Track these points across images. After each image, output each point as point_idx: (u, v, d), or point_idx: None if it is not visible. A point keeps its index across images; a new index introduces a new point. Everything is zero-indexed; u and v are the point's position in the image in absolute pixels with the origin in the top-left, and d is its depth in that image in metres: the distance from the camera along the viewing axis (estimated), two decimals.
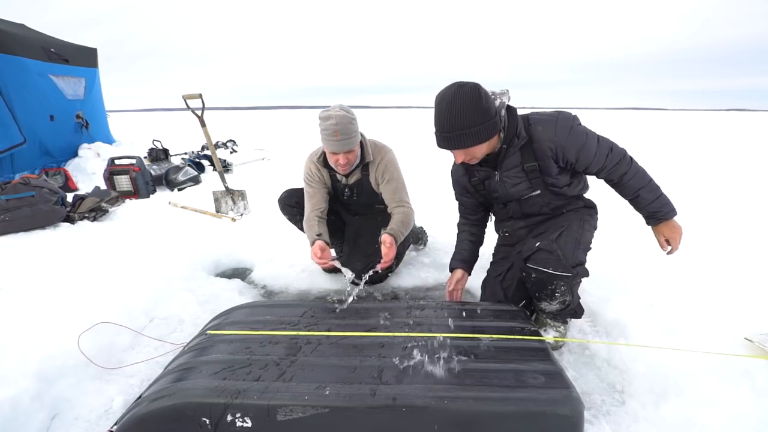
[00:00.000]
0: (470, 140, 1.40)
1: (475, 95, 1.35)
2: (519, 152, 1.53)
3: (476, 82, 1.38)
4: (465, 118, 1.35)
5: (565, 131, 1.46)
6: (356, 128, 1.86)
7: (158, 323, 1.86)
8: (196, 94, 3.33)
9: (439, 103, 1.39)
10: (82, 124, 5.55)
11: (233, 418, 1.05)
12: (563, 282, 1.50)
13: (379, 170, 2.03)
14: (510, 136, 1.50)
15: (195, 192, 4.47)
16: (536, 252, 1.51)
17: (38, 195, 2.96)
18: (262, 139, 11.04)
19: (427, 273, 2.42)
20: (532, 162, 1.53)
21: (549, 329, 1.68)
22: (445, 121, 1.38)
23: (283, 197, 2.31)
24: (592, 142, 1.48)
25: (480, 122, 1.37)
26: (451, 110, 1.35)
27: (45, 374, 1.38)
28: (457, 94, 1.35)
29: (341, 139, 1.80)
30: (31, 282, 2.02)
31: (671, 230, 1.58)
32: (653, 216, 1.57)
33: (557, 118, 1.48)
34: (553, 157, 1.50)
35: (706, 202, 3.71)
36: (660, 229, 1.60)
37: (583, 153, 1.48)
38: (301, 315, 1.56)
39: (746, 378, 1.35)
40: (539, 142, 1.49)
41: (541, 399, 1.07)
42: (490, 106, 1.39)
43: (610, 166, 1.51)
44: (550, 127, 1.47)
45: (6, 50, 4.42)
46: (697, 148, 8.85)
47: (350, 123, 1.80)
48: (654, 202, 1.54)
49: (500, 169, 1.59)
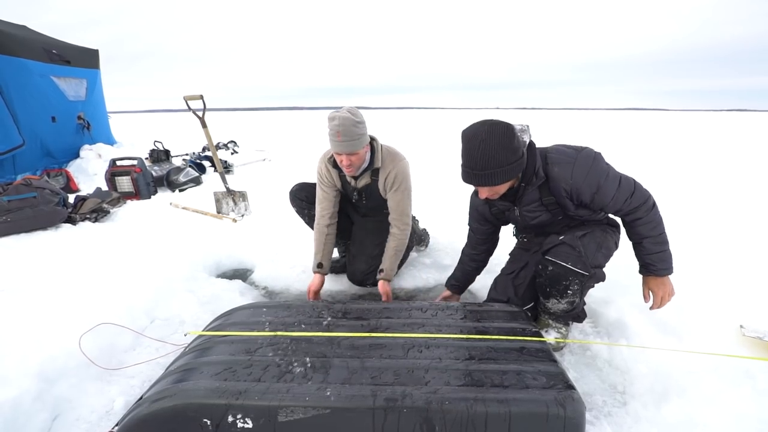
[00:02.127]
0: (499, 179, 1.40)
1: (510, 135, 1.36)
2: (537, 189, 1.53)
3: (507, 122, 1.39)
4: (497, 157, 1.35)
5: (582, 173, 1.43)
6: (361, 131, 1.86)
7: (159, 324, 1.86)
8: (198, 95, 3.34)
9: (471, 139, 1.38)
10: (84, 125, 5.57)
11: (234, 419, 1.05)
12: (578, 280, 1.49)
13: (389, 179, 2.05)
14: (529, 175, 1.48)
15: (196, 193, 4.47)
16: (558, 245, 1.51)
17: (40, 196, 2.96)
18: (263, 140, 11.05)
19: (428, 274, 2.43)
20: (550, 197, 1.52)
21: (550, 330, 1.68)
22: (477, 159, 1.37)
23: (294, 190, 2.35)
24: (610, 185, 1.44)
25: (511, 161, 1.37)
26: (484, 149, 1.35)
27: (46, 375, 1.38)
28: (491, 133, 1.35)
29: (344, 140, 1.82)
30: (33, 283, 2.02)
31: (658, 286, 1.52)
32: (646, 267, 1.52)
33: (576, 159, 1.45)
34: (567, 197, 1.49)
35: (706, 203, 3.71)
36: (648, 281, 1.55)
37: (599, 196, 1.45)
38: (302, 316, 1.56)
39: (747, 378, 1.35)
40: (555, 181, 1.47)
41: (542, 400, 1.07)
42: (519, 146, 1.39)
43: (626, 210, 1.47)
44: (567, 169, 1.45)
45: (7, 51, 4.44)
46: (697, 149, 8.84)
47: (354, 126, 1.82)
48: (654, 254, 1.49)
49: (519, 204, 1.60)
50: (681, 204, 3.60)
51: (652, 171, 5.25)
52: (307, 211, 2.31)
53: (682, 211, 3.33)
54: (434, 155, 7.39)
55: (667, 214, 1.48)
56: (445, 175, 5.07)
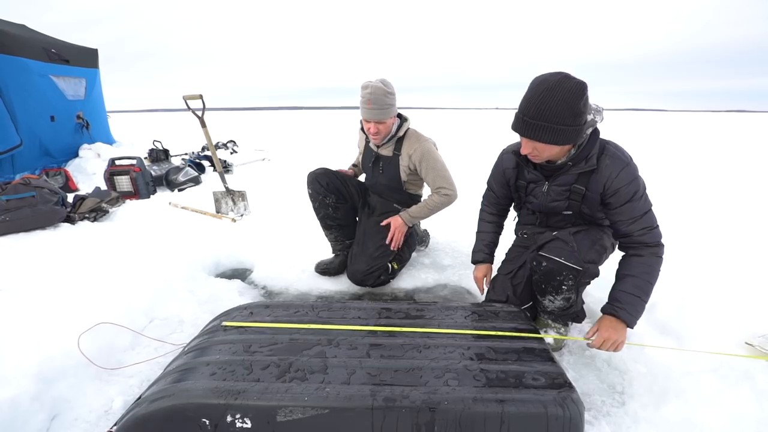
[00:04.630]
0: (548, 136, 1.30)
1: (578, 93, 1.25)
2: (577, 174, 1.47)
3: (583, 81, 1.27)
4: (556, 111, 1.25)
5: (628, 178, 1.39)
6: (390, 101, 1.97)
7: (158, 324, 1.86)
8: (197, 95, 3.33)
9: (537, 86, 1.28)
10: (83, 124, 5.56)
11: (233, 419, 1.04)
12: (572, 275, 1.47)
13: (414, 157, 2.12)
14: (579, 158, 1.42)
15: (195, 192, 4.46)
16: (551, 241, 1.51)
17: (39, 195, 2.95)
18: (262, 140, 11.04)
19: (427, 274, 2.43)
20: (582, 187, 1.47)
21: (549, 330, 1.68)
22: (534, 106, 1.27)
23: (317, 172, 2.26)
24: (639, 206, 1.40)
25: (567, 123, 1.27)
26: (545, 98, 1.25)
27: (45, 375, 1.37)
28: (561, 85, 1.24)
29: (373, 108, 1.93)
30: (31, 282, 2.02)
31: (611, 328, 1.36)
32: (611, 303, 1.41)
33: (629, 162, 1.41)
34: (601, 192, 1.45)
35: (705, 203, 3.71)
36: (604, 320, 1.41)
37: (624, 208, 1.40)
38: (302, 316, 1.56)
39: (746, 379, 1.35)
40: (601, 174, 1.42)
41: (541, 400, 1.07)
42: (584, 112, 1.29)
43: (635, 240, 1.42)
44: (618, 166, 1.39)
45: (7, 51, 4.43)
46: (697, 149, 8.85)
47: (384, 96, 1.93)
48: (628, 295, 1.38)
49: (552, 181, 1.55)
50: (681, 204, 3.60)
51: (652, 171, 5.25)
52: (322, 197, 2.25)
53: (682, 210, 3.34)
54: None
55: (668, 214, 1.48)
56: None
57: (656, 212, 1.44)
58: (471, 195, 2.47)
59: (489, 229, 1.91)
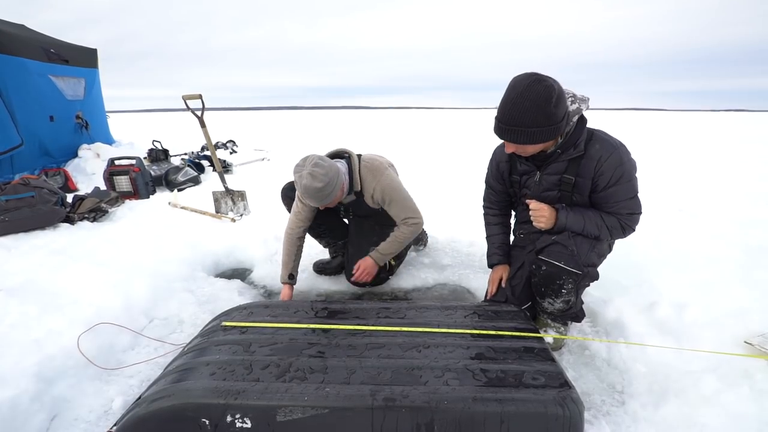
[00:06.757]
0: (524, 138, 1.36)
1: (546, 97, 1.28)
2: (567, 161, 1.49)
3: (554, 82, 1.31)
4: (528, 116, 1.30)
5: (616, 161, 1.42)
6: (327, 192, 1.78)
7: (158, 324, 1.86)
8: (196, 95, 3.33)
9: (510, 91, 1.33)
10: (82, 124, 5.55)
11: (233, 419, 1.05)
12: (572, 279, 1.49)
13: (376, 196, 2.01)
14: (568, 145, 1.45)
15: (195, 192, 4.46)
16: (551, 245, 1.51)
17: (38, 195, 2.95)
18: (261, 140, 11.04)
19: (426, 273, 2.43)
20: (572, 175, 1.50)
21: (549, 330, 1.69)
22: (507, 112, 1.33)
23: (286, 187, 2.30)
24: (626, 189, 1.45)
25: (541, 125, 1.32)
26: (516, 104, 1.30)
27: (44, 375, 1.38)
28: (530, 89, 1.28)
29: (314, 201, 1.81)
30: (31, 283, 2.02)
31: (548, 208, 1.54)
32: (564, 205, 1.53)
33: (619, 147, 1.45)
34: (592, 176, 1.47)
35: (705, 203, 3.71)
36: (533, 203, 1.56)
37: (610, 189, 1.45)
38: (301, 315, 1.56)
39: (746, 378, 1.35)
40: (590, 159, 1.45)
41: (541, 399, 1.07)
42: (557, 111, 1.32)
43: (615, 215, 1.48)
44: (608, 150, 1.43)
45: (6, 51, 4.42)
46: (697, 149, 8.85)
47: (318, 192, 1.75)
48: (577, 210, 1.50)
49: (543, 170, 1.56)
50: (681, 203, 3.60)
51: (652, 171, 5.25)
52: None
53: (682, 210, 3.34)
54: (433, 155, 7.40)
55: (667, 214, 1.48)
56: (444, 174, 5.07)
57: (656, 212, 1.44)
58: (471, 195, 2.47)
59: (497, 231, 1.90)
